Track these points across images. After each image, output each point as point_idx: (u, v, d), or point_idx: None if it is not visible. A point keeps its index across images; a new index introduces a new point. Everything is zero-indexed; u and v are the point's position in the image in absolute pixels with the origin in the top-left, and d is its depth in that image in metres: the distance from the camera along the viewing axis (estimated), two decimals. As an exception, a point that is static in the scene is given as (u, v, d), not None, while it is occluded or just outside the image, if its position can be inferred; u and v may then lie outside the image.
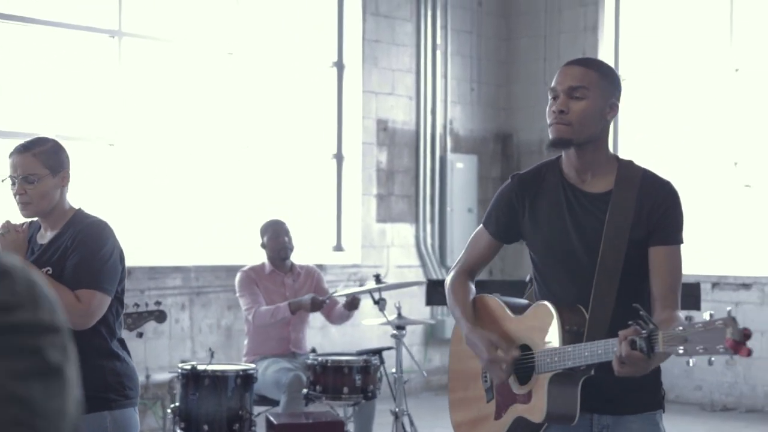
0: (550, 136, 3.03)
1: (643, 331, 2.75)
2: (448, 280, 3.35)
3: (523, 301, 3.31)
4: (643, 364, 2.79)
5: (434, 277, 9.70)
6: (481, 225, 3.28)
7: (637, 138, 9.91)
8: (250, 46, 8.86)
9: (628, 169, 3.11)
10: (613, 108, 3.07)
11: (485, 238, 3.26)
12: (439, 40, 10.02)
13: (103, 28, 8.09)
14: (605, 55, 9.96)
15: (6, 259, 1.13)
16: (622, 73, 10.01)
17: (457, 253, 10.04)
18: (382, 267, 9.49)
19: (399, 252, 9.74)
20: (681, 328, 2.71)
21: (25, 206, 3.62)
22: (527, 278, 6.21)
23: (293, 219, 7.70)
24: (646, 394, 3.10)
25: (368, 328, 8.82)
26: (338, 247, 9.49)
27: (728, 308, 2.64)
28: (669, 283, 3.01)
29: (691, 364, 2.73)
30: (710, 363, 2.70)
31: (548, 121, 3.04)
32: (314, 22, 9.43)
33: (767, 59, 9.08)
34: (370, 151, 9.57)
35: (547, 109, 3.05)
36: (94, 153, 7.99)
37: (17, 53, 7.77)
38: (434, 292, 6.64)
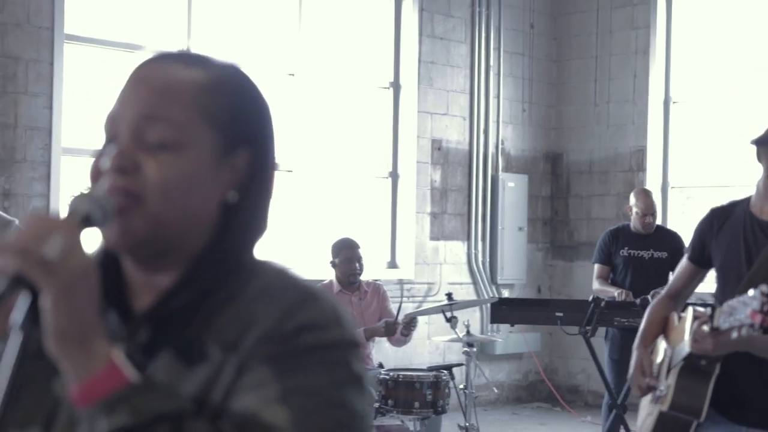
0: (760, 134, 3.35)
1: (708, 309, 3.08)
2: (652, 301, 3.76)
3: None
4: (710, 340, 3.07)
5: (485, 294, 9.88)
6: (686, 254, 3.64)
7: (688, 162, 10.05)
8: (310, 68, 9.08)
9: None
10: None
11: (687, 266, 3.61)
12: (492, 62, 10.21)
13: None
14: (656, 77, 10.12)
15: (310, 285, 1.33)
16: (673, 96, 10.16)
17: (507, 271, 10.23)
18: (435, 284, 9.67)
19: (451, 269, 9.92)
20: (728, 304, 2.97)
21: None
22: (590, 298, 6.39)
23: (350, 235, 7.89)
24: None
25: (419, 343, 9.00)
26: (392, 264, 9.68)
27: (763, 285, 2.85)
28: None
29: (733, 336, 2.94)
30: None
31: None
32: (372, 43, 9.65)
33: (818, 84, 9.20)
34: (425, 170, 9.76)
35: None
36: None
37: (87, 74, 8.03)
38: (498, 310, 6.81)
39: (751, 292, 2.84)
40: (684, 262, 3.61)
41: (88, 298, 1.20)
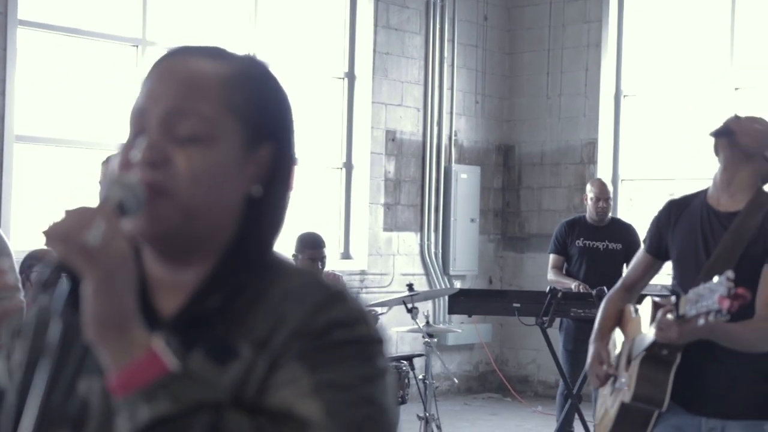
0: (717, 127, 3.42)
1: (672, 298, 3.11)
2: (607, 293, 3.75)
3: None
4: (675, 328, 3.09)
5: (437, 285, 9.93)
6: (642, 245, 3.67)
7: (638, 154, 10.18)
8: (264, 57, 9.03)
9: (762, 196, 3.40)
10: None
11: (644, 257, 3.64)
12: (446, 53, 10.25)
13: (126, 37, 8.26)
14: (607, 71, 10.23)
15: (334, 284, 1.35)
16: (624, 89, 10.28)
17: (459, 262, 10.29)
18: (388, 275, 9.70)
19: (404, 260, 9.96)
20: (694, 291, 3.00)
21: None
22: (547, 289, 6.46)
23: (303, 227, 7.88)
24: (754, 400, 3.31)
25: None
26: (346, 255, 9.69)
27: (729, 272, 2.89)
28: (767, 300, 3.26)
29: (700, 323, 2.98)
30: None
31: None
32: (326, 33, 9.63)
33: (766, 79, 9.36)
34: (379, 161, 9.78)
35: None
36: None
37: (40, 60, 7.92)
38: (456, 301, 6.86)
39: (716, 278, 2.89)
40: (640, 253, 3.65)
41: (128, 285, 1.21)
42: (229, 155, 1.34)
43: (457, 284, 10.06)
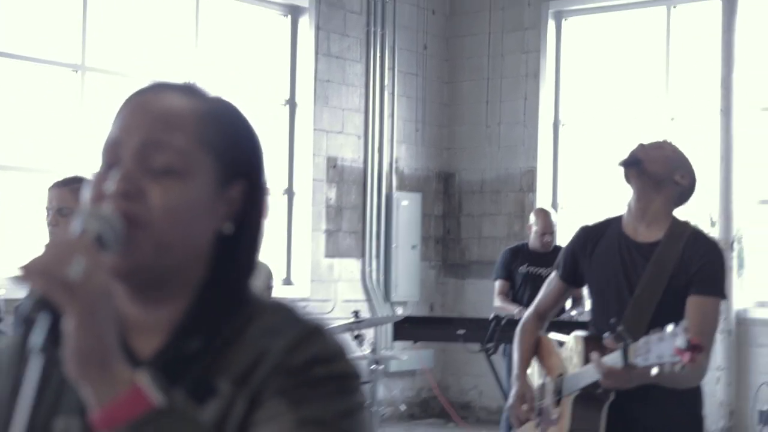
0: (625, 157, 3.45)
1: (619, 344, 3.08)
2: (520, 322, 3.73)
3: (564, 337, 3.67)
4: (624, 376, 3.09)
5: (378, 312, 9.94)
6: (553, 271, 3.67)
7: (575, 181, 10.31)
8: (206, 83, 9.00)
9: (679, 226, 3.43)
10: (680, 182, 3.45)
11: (556, 283, 3.65)
12: (387, 81, 10.30)
13: (66, 62, 8.19)
14: (545, 100, 10.37)
15: (313, 319, 1.36)
16: (562, 118, 10.42)
17: (401, 289, 10.31)
18: (330, 301, 9.69)
19: (346, 286, 9.95)
20: (644, 339, 2.99)
21: (55, 237, 3.78)
22: (491, 316, 6.50)
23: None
24: (683, 427, 3.36)
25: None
26: (287, 281, 9.66)
27: (684, 321, 2.89)
28: (699, 330, 3.15)
29: (653, 373, 3.00)
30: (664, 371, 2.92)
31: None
32: (268, 60, 9.63)
33: (701, 109, 9.56)
34: (320, 188, 9.78)
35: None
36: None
37: (21, 91, 7.82)
38: (401, 328, 6.87)
39: (670, 327, 2.86)
40: (553, 280, 3.66)
41: (110, 320, 1.20)
42: (202, 191, 1.34)
43: (399, 311, 10.07)
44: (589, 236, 3.53)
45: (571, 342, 3.44)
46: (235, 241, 1.38)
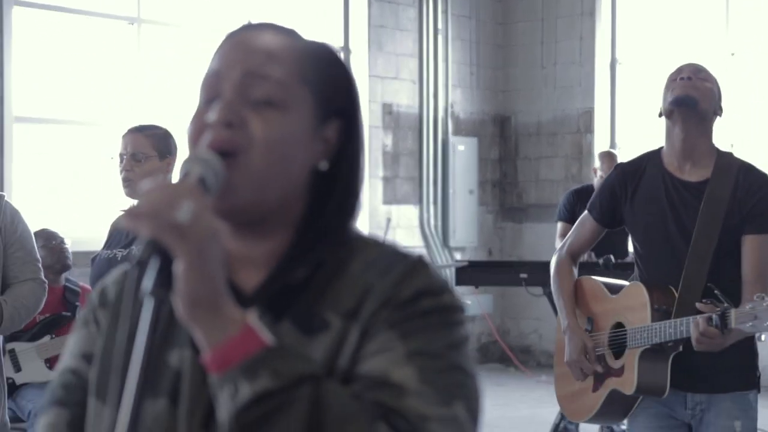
0: (678, 93, 3.25)
1: (718, 309, 3.02)
2: (553, 263, 3.57)
3: (622, 282, 3.56)
4: (719, 340, 3.04)
5: (438, 257, 9.94)
6: (586, 211, 3.50)
7: (633, 122, 10.18)
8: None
9: (726, 159, 3.31)
10: (719, 114, 3.34)
11: (590, 224, 3.47)
12: (440, 25, 10.21)
13: (122, 15, 8.20)
14: (602, 39, 10.21)
15: (415, 254, 1.36)
16: (619, 57, 10.27)
17: (459, 234, 10.29)
18: (388, 248, 9.70)
19: (404, 233, 9.96)
20: (751, 306, 2.97)
21: (129, 184, 3.78)
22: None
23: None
24: (740, 373, 3.30)
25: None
26: (346, 229, 9.68)
27: None
28: (758, 271, 3.21)
29: (763, 339, 2.98)
30: None
31: (672, 90, 3.28)
32: (321, 7, 9.58)
33: (763, 44, 9.37)
34: (377, 135, 9.76)
35: (671, 83, 3.29)
36: (112, 139, 8.10)
37: (38, 39, 7.86)
38: (464, 273, 6.88)
39: None
40: (588, 220, 3.48)
41: (219, 262, 1.20)
42: (300, 125, 1.35)
43: (458, 256, 10.07)
44: (629, 176, 3.37)
45: (632, 290, 3.33)
46: (332, 178, 1.39)
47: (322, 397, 1.19)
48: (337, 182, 1.39)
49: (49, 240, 5.63)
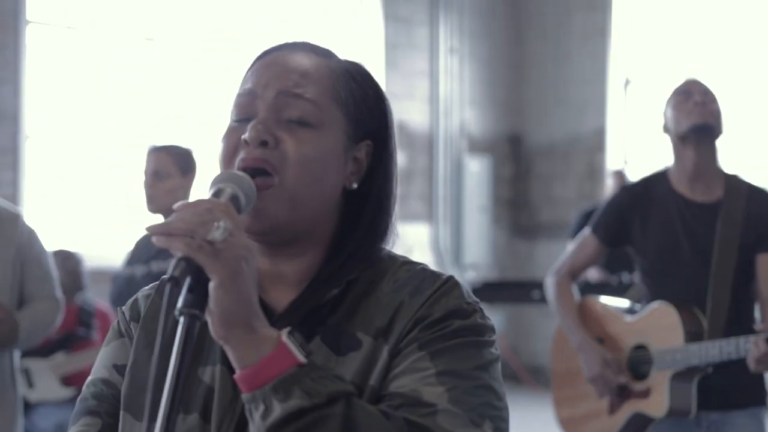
0: (696, 121, 3.24)
1: None
2: (550, 282, 3.55)
3: (623, 304, 3.55)
4: None
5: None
6: (589, 231, 3.48)
7: (645, 140, 10.18)
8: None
9: (734, 180, 3.33)
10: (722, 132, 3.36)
11: (593, 243, 3.45)
12: (453, 44, 10.24)
13: (137, 32, 8.25)
14: (614, 58, 10.22)
15: (445, 274, 1.36)
16: (630, 76, 10.27)
17: (471, 252, 10.29)
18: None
19: (416, 251, 9.95)
20: None
21: (152, 200, 3.86)
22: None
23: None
24: (752, 390, 3.31)
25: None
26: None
27: None
28: None
29: None
30: None
31: (687, 114, 3.26)
32: (335, 26, 9.62)
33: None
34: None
35: (682, 105, 3.28)
36: (125, 156, 8.15)
37: (52, 56, 7.90)
38: (476, 293, 6.86)
39: None
40: (591, 240, 3.45)
41: (252, 280, 1.21)
42: (333, 145, 1.36)
43: (470, 274, 10.07)
44: (637, 197, 3.37)
45: (658, 312, 3.29)
46: (363, 198, 1.39)
47: (353, 416, 1.20)
48: (367, 202, 1.40)
49: (67, 260, 5.66)
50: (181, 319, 1.18)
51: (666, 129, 3.35)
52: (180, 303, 1.18)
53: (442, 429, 1.23)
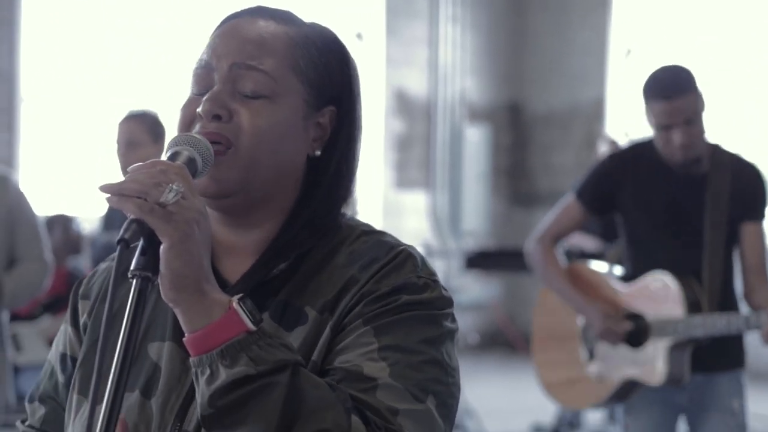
0: (679, 159, 3.21)
1: None
2: (535, 248, 3.52)
3: (615, 271, 3.54)
4: None
5: (447, 244, 9.93)
6: (573, 196, 3.44)
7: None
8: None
9: (719, 152, 3.33)
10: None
11: (577, 209, 3.42)
12: (454, 11, 10.18)
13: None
14: (615, 29, 10.18)
15: (401, 245, 1.34)
16: (631, 46, 10.23)
17: (469, 220, 10.27)
18: (399, 233, 9.71)
19: (414, 218, 9.97)
20: None
21: (125, 169, 3.83)
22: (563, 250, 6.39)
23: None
24: (734, 352, 3.34)
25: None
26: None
27: None
28: (762, 257, 3.29)
29: None
30: None
31: (670, 155, 3.22)
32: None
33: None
34: (389, 120, 9.75)
35: (665, 144, 3.21)
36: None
37: (48, 20, 7.87)
38: (473, 260, 6.89)
39: None
40: (575, 206, 3.42)
41: (204, 243, 1.21)
42: (291, 114, 1.34)
43: (467, 242, 10.06)
44: (624, 165, 3.36)
45: (655, 280, 3.30)
46: (325, 165, 1.38)
47: (299, 385, 1.19)
48: (327, 170, 1.38)
49: (62, 224, 5.68)
50: (134, 281, 1.17)
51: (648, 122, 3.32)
52: (132, 265, 1.17)
53: (383, 404, 1.22)
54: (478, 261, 6.94)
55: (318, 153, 1.37)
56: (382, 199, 9.70)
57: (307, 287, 1.31)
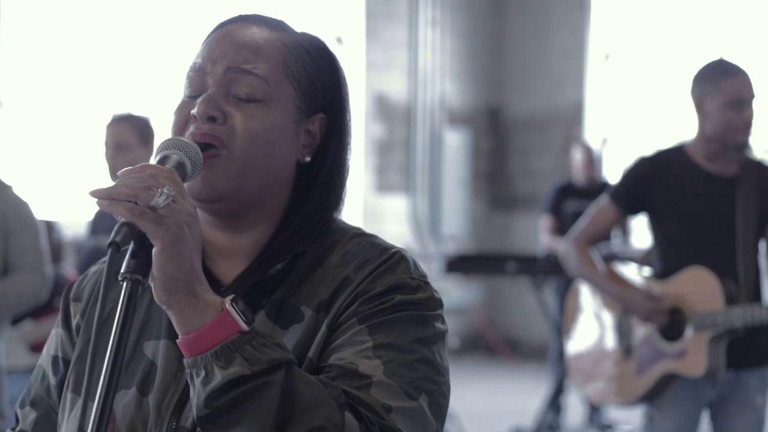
0: (742, 141, 3.40)
1: None
2: (571, 250, 3.64)
3: (645, 273, 3.67)
4: None
5: (426, 248, 9.96)
6: (607, 198, 3.57)
7: (623, 115, 10.20)
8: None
9: (744, 157, 3.51)
10: None
11: (612, 211, 3.56)
12: (434, 15, 10.21)
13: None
14: (593, 33, 10.23)
15: (394, 247, 1.37)
16: (610, 50, 10.28)
17: (449, 224, 10.31)
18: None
19: (394, 222, 9.98)
20: None
21: (114, 172, 3.83)
22: (542, 252, 6.43)
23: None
24: (762, 350, 3.45)
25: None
26: (336, 218, 9.70)
27: None
28: None
29: None
30: None
31: (735, 130, 3.38)
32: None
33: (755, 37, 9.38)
34: (369, 124, 9.77)
35: (734, 118, 3.36)
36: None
37: (26, 24, 7.84)
38: (452, 264, 6.90)
39: None
40: (610, 209, 3.55)
41: (195, 246, 1.23)
42: (284, 119, 1.36)
43: (447, 246, 10.10)
44: (655, 167, 3.48)
45: (693, 276, 3.41)
46: (316, 171, 1.40)
47: (293, 384, 1.21)
48: (319, 175, 1.40)
49: (49, 231, 5.66)
50: (124, 284, 1.19)
51: (696, 105, 3.43)
52: (123, 268, 1.19)
53: (376, 401, 1.24)
54: (459, 265, 6.97)
55: (308, 159, 1.40)
56: (363, 203, 9.72)
57: (302, 287, 1.34)
